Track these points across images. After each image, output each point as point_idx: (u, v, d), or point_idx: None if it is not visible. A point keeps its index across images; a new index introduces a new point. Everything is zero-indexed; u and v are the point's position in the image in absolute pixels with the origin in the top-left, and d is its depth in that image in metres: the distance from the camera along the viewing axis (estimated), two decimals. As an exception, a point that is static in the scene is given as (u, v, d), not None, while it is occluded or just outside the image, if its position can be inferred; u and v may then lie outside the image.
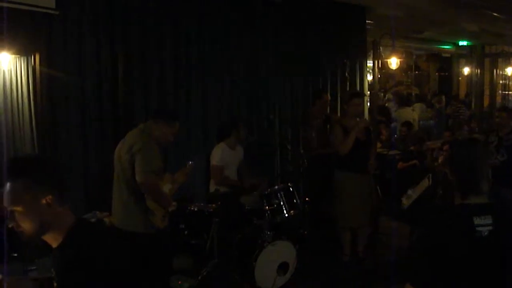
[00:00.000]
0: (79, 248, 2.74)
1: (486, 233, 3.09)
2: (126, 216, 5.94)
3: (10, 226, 2.73)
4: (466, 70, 21.23)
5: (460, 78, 22.38)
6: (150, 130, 6.02)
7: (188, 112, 8.72)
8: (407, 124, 13.16)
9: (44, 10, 6.99)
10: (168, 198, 6.09)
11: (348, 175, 7.86)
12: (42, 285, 3.30)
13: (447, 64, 22.40)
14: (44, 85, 7.35)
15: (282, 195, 7.59)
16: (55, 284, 2.82)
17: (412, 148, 11.44)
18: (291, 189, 7.79)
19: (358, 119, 7.98)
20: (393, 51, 13.85)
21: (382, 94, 18.32)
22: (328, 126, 9.73)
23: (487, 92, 21.21)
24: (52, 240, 2.80)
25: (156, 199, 5.88)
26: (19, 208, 2.70)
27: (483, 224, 3.10)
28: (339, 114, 10.77)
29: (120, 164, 5.92)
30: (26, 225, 2.73)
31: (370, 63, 14.12)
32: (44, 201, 2.70)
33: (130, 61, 8.07)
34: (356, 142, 7.74)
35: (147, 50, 8.24)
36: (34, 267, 5.94)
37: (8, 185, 2.70)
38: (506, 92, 22.21)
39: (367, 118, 10.46)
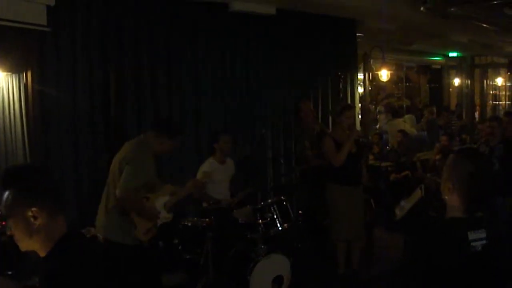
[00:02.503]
0: (62, 261, 2.75)
1: (479, 248, 3.05)
2: (107, 224, 5.90)
3: (8, 233, 2.78)
4: (457, 81, 21.33)
5: (450, 89, 22.48)
6: (149, 142, 5.95)
7: (182, 124, 8.72)
8: (402, 131, 13.21)
9: (36, 28, 6.99)
10: (153, 212, 5.97)
11: (341, 188, 7.86)
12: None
13: (438, 76, 22.48)
14: (36, 102, 7.35)
15: (276, 208, 7.58)
16: None
17: (403, 159, 11.48)
18: (284, 203, 7.78)
19: (349, 131, 7.97)
20: (384, 63, 13.91)
21: (373, 106, 18.37)
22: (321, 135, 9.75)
23: (477, 103, 21.31)
24: (41, 250, 2.81)
25: (137, 213, 5.81)
26: (10, 218, 2.76)
27: (477, 238, 3.06)
28: (331, 126, 10.78)
29: (112, 173, 5.89)
30: (17, 235, 2.78)
31: (360, 76, 14.17)
32: (29, 213, 2.72)
33: (122, 77, 8.09)
34: (348, 154, 7.75)
35: (139, 66, 8.27)
36: (31, 284, 5.93)
37: (3, 195, 2.75)
38: (497, 102, 22.30)
39: (359, 130, 10.45)
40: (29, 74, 7.31)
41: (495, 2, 9.91)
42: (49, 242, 2.78)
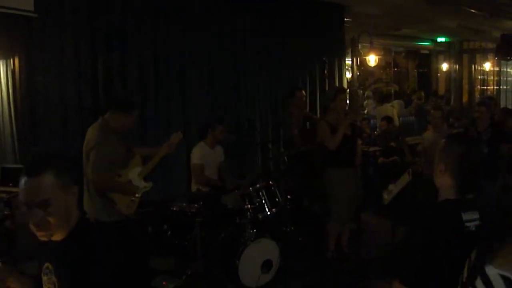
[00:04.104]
0: (90, 243, 2.74)
1: (473, 228, 3.10)
2: (92, 207, 6.01)
3: (31, 222, 2.64)
4: (445, 66, 21.34)
5: (439, 74, 22.49)
6: (109, 122, 6.10)
7: (169, 110, 8.77)
8: (387, 119, 13.21)
9: (23, 13, 6.97)
10: (130, 187, 6.11)
11: (339, 170, 7.92)
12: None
13: (426, 61, 22.49)
14: (24, 88, 7.35)
15: (264, 193, 7.62)
16: (54, 279, 2.75)
17: (392, 144, 11.51)
18: (272, 187, 7.82)
19: (344, 114, 8.02)
20: (372, 48, 13.89)
21: (361, 91, 18.39)
22: (308, 123, 9.79)
23: (466, 88, 21.38)
24: (61, 233, 2.75)
25: (114, 191, 5.98)
26: (50, 204, 2.63)
27: (471, 219, 3.12)
28: (318, 111, 10.83)
29: (83, 158, 6.03)
30: (55, 221, 2.68)
31: (348, 61, 14.18)
32: (70, 195, 2.70)
33: (110, 63, 8.08)
34: (343, 137, 7.80)
35: (127, 51, 8.26)
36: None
37: (31, 179, 2.62)
38: (485, 87, 22.40)
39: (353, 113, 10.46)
40: (16, 60, 7.31)
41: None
42: (70, 224, 2.76)
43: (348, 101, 12.28)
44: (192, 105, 9.09)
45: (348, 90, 12.68)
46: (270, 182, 7.87)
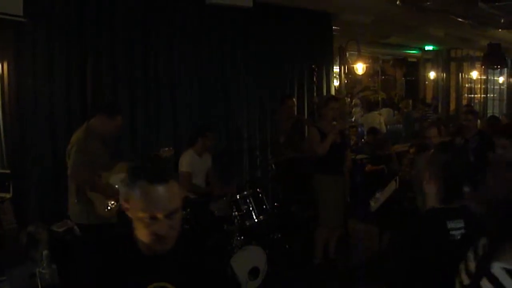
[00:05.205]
0: (195, 246, 2.85)
1: (459, 237, 3.14)
2: (72, 209, 6.28)
3: (162, 234, 2.51)
4: (432, 74, 21.41)
5: (426, 82, 22.55)
6: (93, 126, 6.27)
7: (158, 117, 8.76)
8: (373, 131, 13.17)
9: (12, 18, 6.94)
10: (110, 189, 6.16)
11: (327, 177, 7.96)
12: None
13: (414, 69, 22.53)
14: (13, 93, 7.31)
15: (251, 200, 7.62)
16: None
17: (379, 152, 11.53)
18: (260, 195, 7.82)
19: (334, 122, 8.05)
20: (359, 56, 13.91)
21: (348, 99, 18.42)
22: (297, 127, 9.82)
23: (453, 96, 21.47)
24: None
25: (91, 189, 6.10)
26: (178, 210, 2.59)
27: (456, 227, 3.15)
28: (306, 115, 10.87)
29: (66, 159, 6.26)
30: (177, 228, 2.62)
31: (336, 69, 14.19)
32: None
33: (100, 69, 8.07)
34: (333, 144, 7.84)
35: (117, 57, 8.25)
36: (4, 278, 5.90)
37: (164, 186, 2.49)
38: (472, 95, 22.50)
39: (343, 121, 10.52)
40: (5, 65, 7.27)
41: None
42: None
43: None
44: (182, 111, 9.08)
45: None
46: (258, 189, 7.88)
